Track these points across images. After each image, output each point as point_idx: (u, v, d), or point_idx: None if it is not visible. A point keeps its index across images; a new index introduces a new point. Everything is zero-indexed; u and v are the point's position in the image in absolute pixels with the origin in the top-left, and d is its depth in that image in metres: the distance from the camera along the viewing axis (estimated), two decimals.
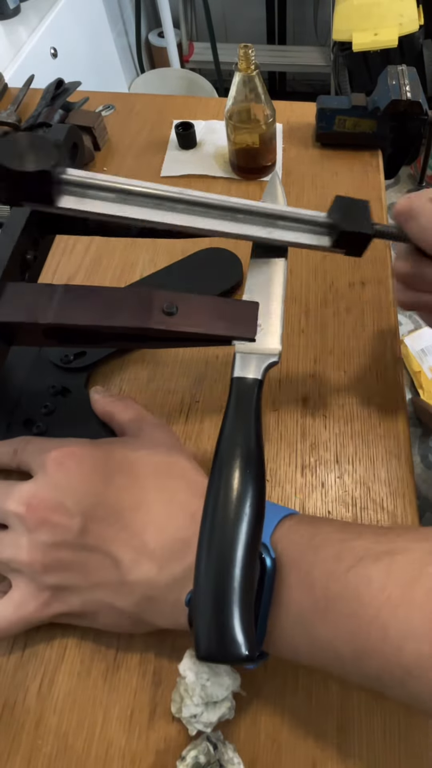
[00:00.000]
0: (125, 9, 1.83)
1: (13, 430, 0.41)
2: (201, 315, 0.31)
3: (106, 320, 0.30)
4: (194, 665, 0.30)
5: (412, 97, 0.57)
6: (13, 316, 0.30)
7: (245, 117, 0.58)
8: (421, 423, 1.40)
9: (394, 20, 1.56)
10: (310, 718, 0.32)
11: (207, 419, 0.44)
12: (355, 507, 0.39)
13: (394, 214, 0.34)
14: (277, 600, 0.27)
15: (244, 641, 0.24)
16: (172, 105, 0.73)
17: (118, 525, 0.31)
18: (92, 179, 0.32)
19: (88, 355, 0.45)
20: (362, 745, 0.31)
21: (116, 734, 0.31)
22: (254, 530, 0.26)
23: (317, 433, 0.42)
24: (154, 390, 0.45)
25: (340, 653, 0.26)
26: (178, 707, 0.30)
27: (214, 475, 0.28)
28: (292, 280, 0.52)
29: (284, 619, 0.27)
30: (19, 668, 0.33)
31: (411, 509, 0.39)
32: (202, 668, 0.30)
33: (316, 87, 2.21)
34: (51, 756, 0.31)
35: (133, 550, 0.30)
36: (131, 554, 0.30)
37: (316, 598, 0.26)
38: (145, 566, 0.30)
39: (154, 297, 0.31)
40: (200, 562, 0.26)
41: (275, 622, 0.27)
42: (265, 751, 0.31)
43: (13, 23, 1.14)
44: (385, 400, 0.44)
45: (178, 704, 0.30)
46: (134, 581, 0.30)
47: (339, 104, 0.61)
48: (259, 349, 0.31)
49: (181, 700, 0.30)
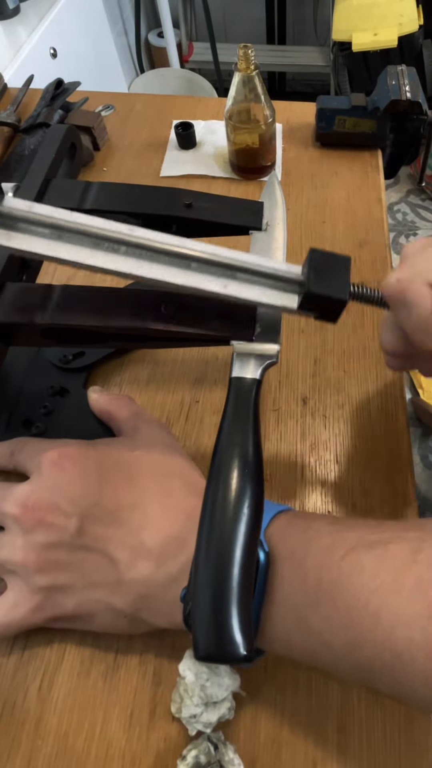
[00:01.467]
0: (125, 9, 1.83)
1: (12, 430, 0.41)
2: (199, 315, 0.31)
3: (104, 321, 0.30)
4: (194, 665, 0.30)
5: (412, 97, 0.57)
6: (11, 317, 0.30)
7: (245, 117, 0.58)
8: (421, 423, 1.40)
9: (394, 20, 1.56)
10: (310, 718, 0.32)
11: (207, 419, 0.43)
12: (355, 507, 0.39)
13: (383, 292, 0.29)
14: (270, 594, 0.27)
15: (242, 641, 0.24)
16: (172, 105, 0.73)
17: (115, 525, 0.31)
18: (22, 211, 0.28)
19: (87, 356, 0.45)
20: (362, 745, 0.31)
21: (116, 734, 0.31)
22: (252, 530, 0.26)
23: (317, 433, 0.42)
24: (154, 390, 0.45)
25: (332, 644, 0.26)
26: (178, 707, 0.30)
27: (213, 475, 0.28)
28: None
29: (277, 612, 0.27)
30: (19, 668, 0.33)
31: (411, 509, 0.39)
32: (201, 668, 0.30)
33: (315, 87, 2.21)
34: (51, 756, 0.31)
35: (130, 549, 0.30)
36: (128, 553, 0.30)
37: (308, 589, 0.27)
38: (142, 565, 0.30)
39: (152, 297, 0.31)
40: (199, 562, 0.26)
41: (268, 615, 0.27)
42: (265, 751, 0.31)
43: (13, 23, 1.14)
44: (385, 400, 0.44)
45: (178, 704, 0.30)
46: (131, 580, 0.30)
47: (339, 104, 0.61)
48: (258, 349, 0.31)
49: (180, 700, 0.30)
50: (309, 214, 0.58)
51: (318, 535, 0.28)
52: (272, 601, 0.27)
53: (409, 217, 1.83)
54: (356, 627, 0.25)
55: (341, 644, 0.25)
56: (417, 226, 1.81)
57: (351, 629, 0.25)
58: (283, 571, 0.28)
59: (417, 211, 1.84)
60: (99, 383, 0.46)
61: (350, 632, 0.25)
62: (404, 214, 1.84)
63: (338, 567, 0.26)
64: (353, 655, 0.25)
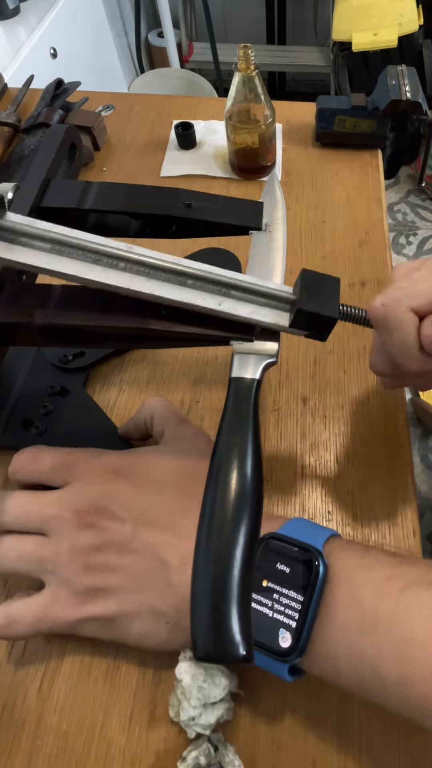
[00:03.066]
0: (125, 9, 1.83)
1: (12, 430, 0.41)
2: (199, 315, 0.31)
3: (104, 321, 0.30)
4: (190, 668, 0.30)
5: (412, 97, 0.57)
6: (11, 317, 0.30)
7: (245, 117, 0.58)
8: (421, 423, 1.40)
9: (394, 20, 1.56)
10: (310, 718, 0.32)
11: (207, 419, 0.43)
12: (355, 507, 0.39)
13: (369, 315, 0.30)
14: (324, 612, 0.27)
15: (241, 641, 0.24)
16: (172, 105, 0.73)
17: (169, 531, 0.31)
18: (24, 225, 0.29)
19: (86, 355, 0.45)
20: (362, 745, 0.31)
21: (116, 734, 0.31)
22: (252, 531, 0.26)
23: (317, 433, 0.42)
24: (154, 390, 0.45)
25: (382, 676, 0.25)
26: (176, 711, 0.30)
27: (212, 476, 0.28)
28: (292, 280, 0.52)
29: (329, 632, 0.27)
30: (19, 668, 0.33)
31: (411, 509, 0.39)
32: (198, 670, 0.29)
33: (315, 87, 2.20)
34: (51, 756, 0.31)
35: (182, 552, 0.30)
36: (179, 556, 0.30)
37: (364, 615, 0.26)
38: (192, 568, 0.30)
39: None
40: (198, 562, 0.26)
41: (319, 633, 0.27)
42: (265, 751, 0.31)
43: (13, 23, 1.14)
44: (384, 400, 0.44)
45: (176, 708, 0.30)
46: (180, 582, 0.29)
47: (339, 104, 0.61)
48: (257, 349, 0.31)
49: (178, 703, 0.30)
50: (309, 214, 0.58)
51: (377, 564, 0.28)
52: (325, 619, 0.27)
53: (409, 217, 1.83)
54: (410, 662, 0.25)
55: (393, 678, 0.25)
56: (417, 226, 1.81)
57: (404, 664, 0.25)
58: (338, 593, 0.27)
59: (417, 211, 1.84)
60: (99, 383, 0.46)
61: (404, 667, 0.25)
62: (404, 214, 1.84)
63: (396, 599, 0.26)
64: (405, 691, 0.25)
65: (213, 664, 0.30)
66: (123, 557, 0.31)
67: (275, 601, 0.28)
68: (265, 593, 0.28)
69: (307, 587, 0.27)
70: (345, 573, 0.28)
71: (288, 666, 0.27)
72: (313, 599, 0.27)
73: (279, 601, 0.28)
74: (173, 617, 0.30)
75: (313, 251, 0.55)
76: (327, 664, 0.28)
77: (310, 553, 0.28)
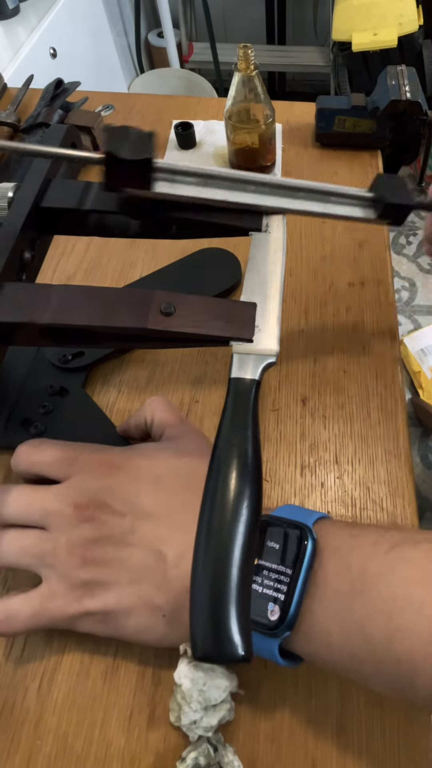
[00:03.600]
0: (125, 9, 1.83)
1: (11, 429, 0.41)
2: (199, 315, 0.31)
3: (103, 321, 0.30)
4: (189, 671, 0.29)
5: (412, 97, 0.57)
6: (10, 316, 0.30)
7: (245, 117, 0.58)
8: (421, 423, 1.40)
9: (394, 20, 1.56)
10: (310, 718, 0.32)
11: (207, 419, 0.43)
12: (355, 507, 0.39)
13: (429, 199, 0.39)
14: (313, 585, 0.28)
15: (240, 641, 0.24)
16: (172, 105, 0.73)
17: (167, 525, 0.31)
18: (179, 167, 0.35)
19: (86, 355, 0.45)
20: (362, 745, 0.31)
21: (116, 735, 0.31)
22: (251, 531, 0.26)
23: (317, 433, 0.42)
24: (154, 390, 0.45)
25: (371, 636, 0.26)
26: (177, 716, 0.30)
27: (211, 476, 0.28)
28: (292, 280, 0.52)
29: (319, 605, 0.27)
30: (19, 668, 0.33)
31: (410, 509, 0.39)
32: (197, 673, 0.29)
33: (315, 87, 2.21)
34: (51, 756, 0.31)
35: (180, 545, 0.30)
36: (177, 550, 0.30)
37: (353, 580, 0.27)
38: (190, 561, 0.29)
39: (152, 297, 0.31)
40: (197, 562, 0.26)
41: (309, 608, 0.27)
42: (265, 751, 0.31)
43: (13, 23, 1.14)
44: (384, 400, 0.44)
45: (177, 713, 0.30)
46: (177, 575, 0.30)
47: (339, 104, 0.61)
48: (257, 350, 0.31)
49: (179, 708, 0.29)
50: None
51: (364, 533, 0.29)
52: (315, 591, 0.27)
53: (409, 217, 1.83)
54: (398, 617, 0.25)
55: (381, 635, 0.25)
56: (417, 226, 1.81)
57: (393, 619, 0.25)
58: (327, 564, 0.28)
59: (417, 211, 1.84)
60: (98, 383, 0.46)
61: (392, 622, 0.25)
62: None
63: (383, 559, 0.26)
64: (394, 648, 0.25)
65: (212, 664, 0.30)
66: (121, 551, 0.31)
67: (265, 576, 0.28)
68: (255, 570, 0.29)
69: (296, 562, 0.28)
70: (333, 543, 0.28)
71: (278, 642, 0.27)
72: (303, 569, 0.27)
73: (269, 577, 0.28)
74: (169, 611, 0.30)
75: (313, 251, 0.55)
76: (316, 638, 0.28)
77: (299, 530, 0.29)
